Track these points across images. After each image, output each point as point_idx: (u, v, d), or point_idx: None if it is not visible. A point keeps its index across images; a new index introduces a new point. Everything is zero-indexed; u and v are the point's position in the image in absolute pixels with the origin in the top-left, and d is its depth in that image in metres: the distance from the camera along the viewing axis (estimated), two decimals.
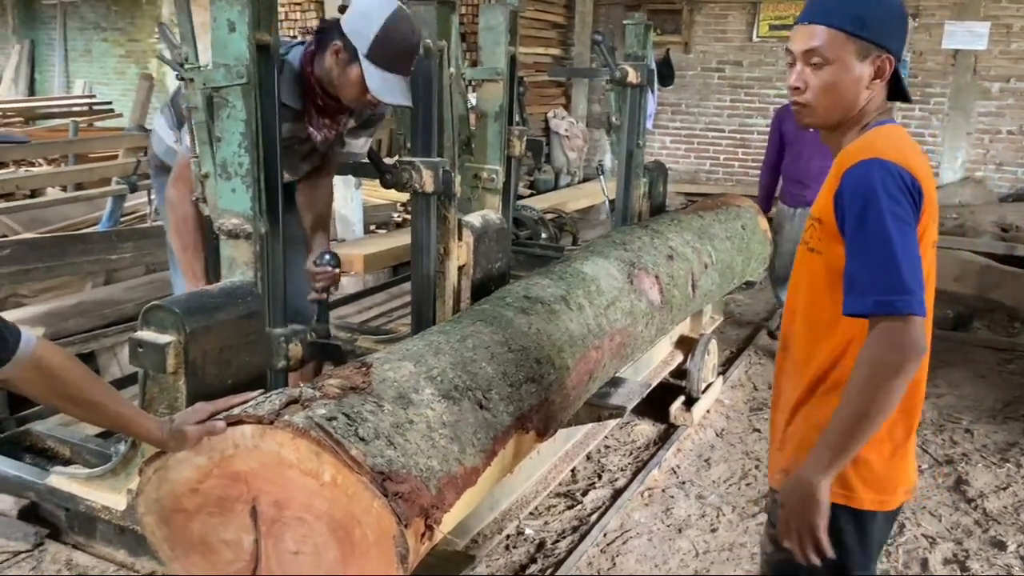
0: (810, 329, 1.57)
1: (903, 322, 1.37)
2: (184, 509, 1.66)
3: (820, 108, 1.56)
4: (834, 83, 1.52)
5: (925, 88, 8.74)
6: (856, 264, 1.41)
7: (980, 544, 3.09)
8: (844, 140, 1.58)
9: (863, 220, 1.40)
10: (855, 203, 1.42)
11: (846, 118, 1.57)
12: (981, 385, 4.70)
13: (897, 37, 1.55)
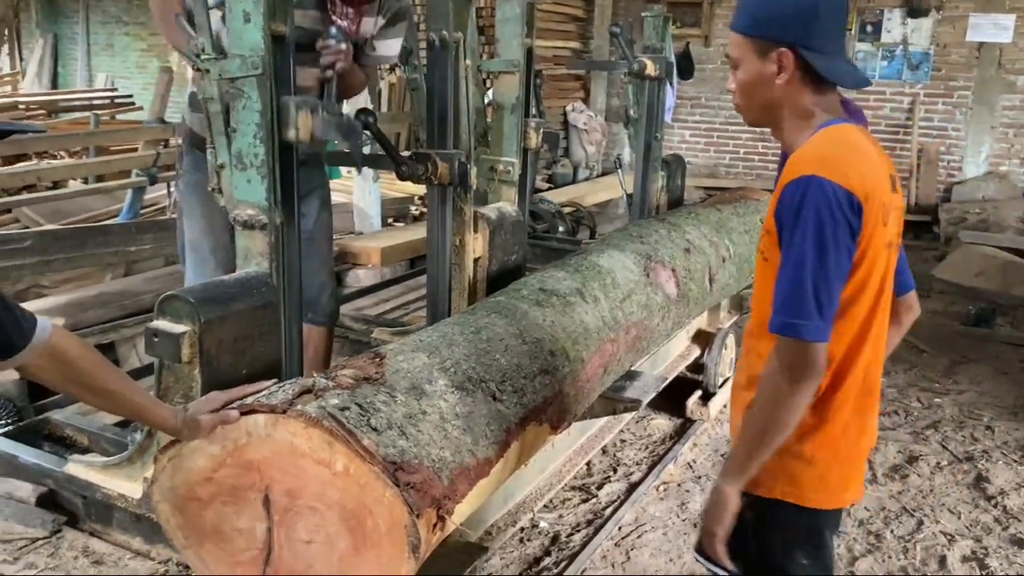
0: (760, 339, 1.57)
1: (802, 346, 1.42)
2: (198, 497, 1.67)
3: (744, 107, 1.61)
4: (744, 83, 1.57)
5: (949, 81, 8.63)
6: (780, 282, 1.45)
7: (999, 542, 3.05)
8: (796, 139, 1.56)
9: (789, 240, 1.43)
10: (789, 221, 1.44)
11: (772, 115, 1.59)
12: (1003, 382, 4.65)
13: (796, 29, 1.50)
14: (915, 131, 8.76)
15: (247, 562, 1.66)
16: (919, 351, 5.16)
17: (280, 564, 1.64)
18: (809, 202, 1.41)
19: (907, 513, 3.24)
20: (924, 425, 4.04)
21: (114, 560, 2.05)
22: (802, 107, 1.55)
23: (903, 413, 4.18)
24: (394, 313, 4.17)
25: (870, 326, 1.54)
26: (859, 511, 3.25)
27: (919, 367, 4.88)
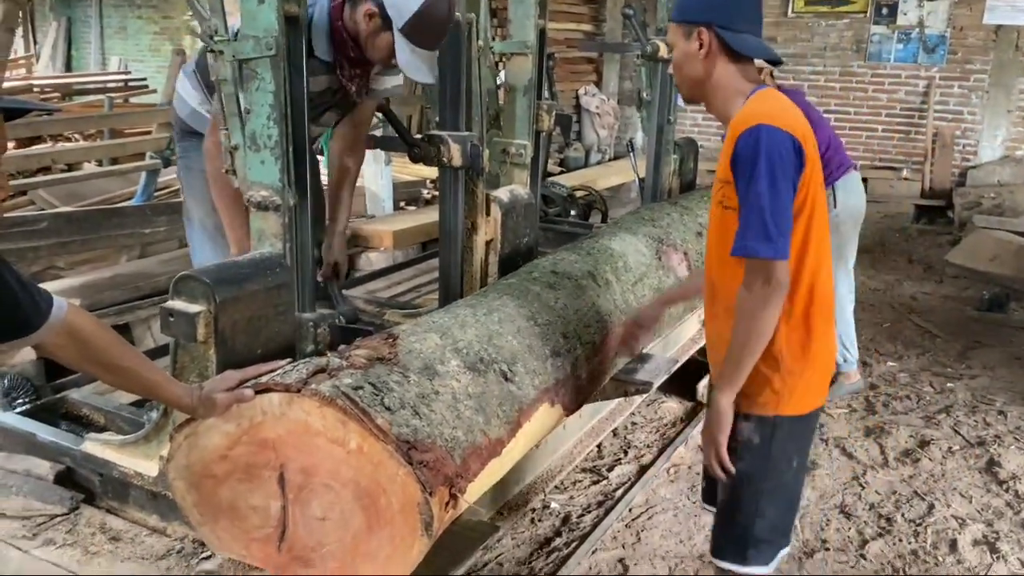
0: (734, 277, 1.77)
1: (766, 264, 1.67)
2: (213, 475, 1.69)
3: (679, 84, 1.89)
4: (676, 63, 1.86)
5: (965, 65, 8.54)
6: (742, 216, 1.70)
7: (1011, 526, 3.05)
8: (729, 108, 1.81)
9: (750, 179, 1.68)
10: (745, 165, 1.69)
11: (701, 89, 1.84)
12: (1016, 367, 4.63)
13: (713, 12, 1.79)
14: (930, 115, 8.68)
15: (262, 539, 1.69)
16: (932, 336, 5.14)
17: (295, 541, 1.66)
18: (763, 146, 1.67)
19: (918, 497, 3.24)
20: (936, 410, 4.04)
21: (131, 537, 2.07)
22: (724, 78, 1.81)
23: (915, 398, 4.18)
24: (406, 296, 4.18)
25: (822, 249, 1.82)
26: (870, 495, 3.25)
27: (932, 352, 4.86)
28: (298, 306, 2.21)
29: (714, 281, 1.88)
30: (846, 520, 3.08)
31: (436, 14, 2.35)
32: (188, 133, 2.85)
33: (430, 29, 2.37)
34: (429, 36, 2.38)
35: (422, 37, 2.37)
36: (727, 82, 1.81)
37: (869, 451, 3.61)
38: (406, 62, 2.37)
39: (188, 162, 2.90)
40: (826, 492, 3.26)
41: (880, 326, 5.32)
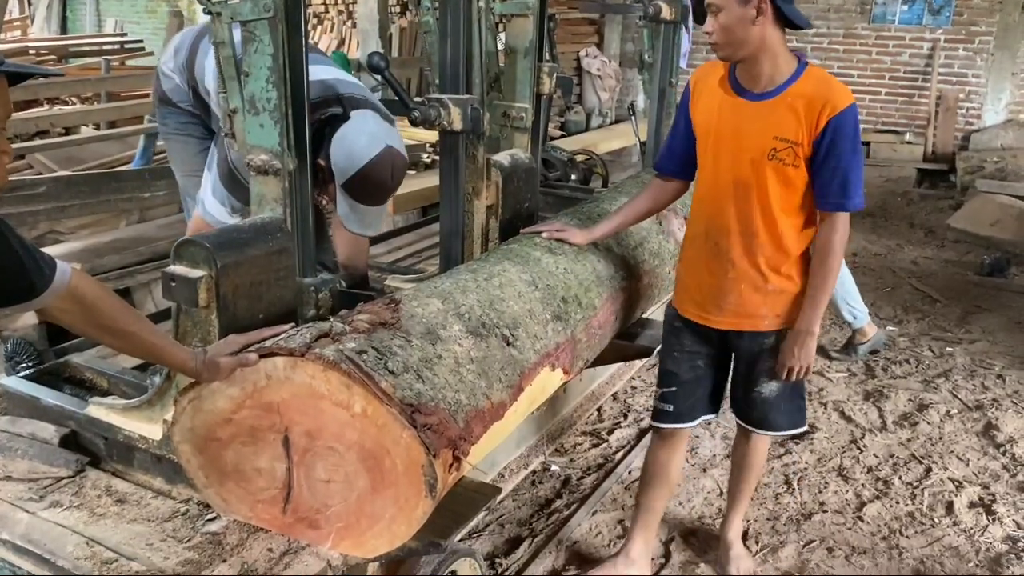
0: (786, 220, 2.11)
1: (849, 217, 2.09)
2: (218, 438, 1.71)
3: (725, 45, 2.03)
4: (727, 26, 2.00)
5: (970, 27, 8.45)
6: (846, 179, 2.03)
7: (1007, 488, 3.09)
8: (775, 73, 2.05)
9: (853, 150, 2.01)
10: (849, 137, 2.00)
11: (748, 52, 2.02)
12: (1015, 331, 4.65)
13: None
14: (934, 78, 8.61)
15: (267, 501, 1.71)
16: (932, 300, 5.15)
17: (300, 503, 1.68)
18: (857, 122, 2.02)
19: (916, 460, 3.27)
20: (935, 374, 4.06)
21: (136, 499, 2.09)
22: (775, 44, 2.02)
23: (915, 362, 4.20)
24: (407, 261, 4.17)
25: None
26: (868, 458, 3.28)
27: (932, 316, 4.88)
28: (299, 271, 2.21)
29: (755, 231, 2.12)
30: (844, 483, 3.11)
31: (376, 178, 2.45)
32: (165, 102, 2.95)
33: (370, 191, 2.47)
34: (368, 196, 2.48)
35: (362, 196, 2.47)
36: (777, 49, 2.03)
37: (868, 415, 3.64)
38: (345, 215, 2.48)
39: (165, 128, 3.04)
40: (824, 455, 3.29)
41: (880, 290, 5.33)
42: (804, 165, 2.05)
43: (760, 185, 2.09)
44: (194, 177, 2.90)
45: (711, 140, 2.18)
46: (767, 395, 2.30)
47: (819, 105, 2.00)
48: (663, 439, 2.44)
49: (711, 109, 2.18)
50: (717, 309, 2.24)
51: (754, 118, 2.08)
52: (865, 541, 2.77)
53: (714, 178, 2.18)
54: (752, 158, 2.08)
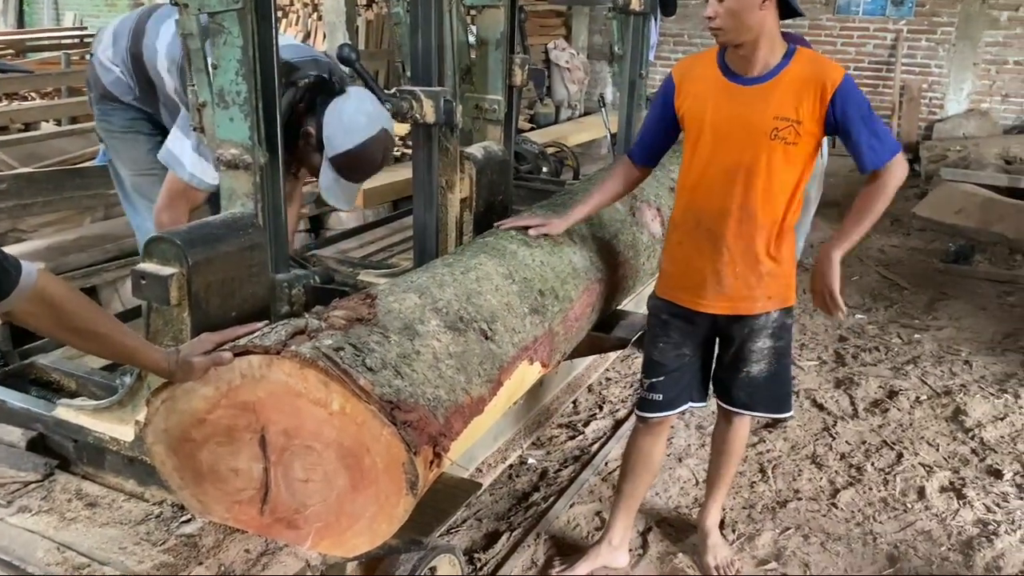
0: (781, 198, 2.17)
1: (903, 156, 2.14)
2: (192, 439, 1.67)
3: (729, 30, 2.06)
4: (733, 10, 2.03)
5: (932, 17, 8.57)
6: (875, 136, 2.11)
7: (976, 472, 3.14)
8: (770, 57, 2.11)
9: (869, 110, 2.11)
10: (860, 102, 2.10)
11: (750, 36, 2.07)
12: (981, 317, 4.73)
13: None
14: (898, 68, 8.72)
15: (244, 501, 1.68)
16: (900, 288, 5.22)
17: (278, 503, 1.65)
18: (856, 86, 2.11)
19: (887, 446, 3.32)
20: (904, 360, 4.11)
21: (108, 502, 2.05)
22: (774, 29, 2.09)
23: (884, 349, 4.25)
24: (379, 255, 4.14)
25: None
26: (841, 445, 3.32)
27: (900, 304, 4.95)
28: (271, 267, 2.18)
29: (753, 212, 2.17)
30: (818, 470, 3.14)
31: (368, 158, 2.44)
32: (107, 98, 2.82)
33: (359, 168, 2.46)
34: (356, 173, 2.47)
35: (349, 172, 2.45)
36: (775, 33, 2.10)
37: (839, 402, 3.68)
38: (327, 187, 2.46)
39: (109, 125, 2.87)
40: (798, 443, 3.32)
41: (849, 279, 5.39)
42: (803, 141, 2.12)
43: (763, 165, 2.14)
44: (148, 175, 2.77)
45: (706, 128, 2.19)
46: (755, 374, 2.34)
47: (819, 83, 2.08)
48: (649, 428, 2.45)
49: (703, 99, 2.19)
50: (712, 294, 2.26)
51: (753, 101, 2.12)
52: (840, 527, 2.80)
53: (708, 164, 2.20)
54: (754, 140, 2.13)
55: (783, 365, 2.37)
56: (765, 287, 2.24)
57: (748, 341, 2.30)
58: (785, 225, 2.21)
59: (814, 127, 2.11)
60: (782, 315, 2.30)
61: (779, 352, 2.33)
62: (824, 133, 2.14)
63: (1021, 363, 4.10)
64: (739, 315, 2.27)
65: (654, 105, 2.35)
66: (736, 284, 2.23)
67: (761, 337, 2.30)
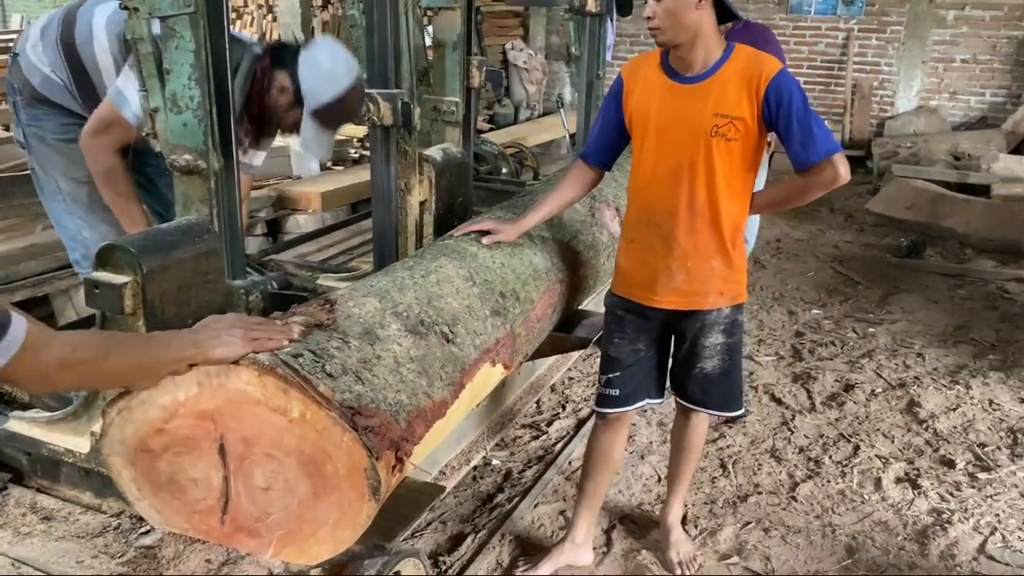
0: (728, 196, 2.19)
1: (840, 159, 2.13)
2: (150, 449, 1.64)
3: (667, 29, 2.11)
4: (671, 10, 2.08)
5: (882, 17, 8.74)
6: (811, 134, 2.11)
7: (930, 463, 3.21)
8: (709, 56, 2.15)
9: (805, 106, 2.11)
10: (797, 97, 2.10)
11: (688, 36, 2.11)
12: (933, 310, 4.83)
13: None
14: (849, 67, 8.88)
15: (204, 511, 1.65)
16: (854, 283, 5.32)
17: (238, 512, 1.63)
18: (794, 81, 2.13)
19: (844, 439, 3.38)
20: (859, 354, 4.19)
21: (64, 515, 2.01)
22: (711, 30, 2.13)
23: (839, 343, 4.33)
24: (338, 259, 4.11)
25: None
26: (799, 438, 3.37)
27: (854, 299, 5.04)
28: (228, 273, 2.16)
29: (700, 209, 2.20)
30: (777, 464, 3.19)
31: (347, 106, 2.50)
32: (39, 100, 2.71)
33: (339, 116, 2.51)
34: (336, 121, 2.52)
35: (329, 122, 2.50)
36: (711, 33, 2.13)
37: (797, 396, 3.74)
38: (308, 139, 2.50)
39: (40, 131, 2.74)
40: (757, 438, 3.37)
41: (804, 275, 5.48)
42: (743, 137, 2.14)
43: (705, 163, 2.17)
44: (86, 185, 2.66)
45: (651, 128, 2.22)
46: (709, 371, 2.38)
47: (754, 77, 2.11)
48: (608, 424, 2.47)
49: (648, 98, 2.23)
50: (664, 289, 2.29)
51: (693, 99, 2.16)
52: (799, 520, 2.84)
53: (656, 163, 2.23)
54: (696, 137, 2.16)
55: (735, 363, 2.40)
56: (716, 283, 2.28)
57: (701, 336, 2.34)
58: (734, 221, 2.25)
59: (754, 123, 2.14)
60: (734, 311, 2.34)
61: (731, 348, 2.37)
62: (765, 129, 2.17)
63: (972, 355, 4.20)
64: (691, 310, 2.30)
65: (605, 106, 2.38)
66: (688, 280, 2.27)
67: (713, 333, 2.33)
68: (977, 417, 3.54)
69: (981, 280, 5.39)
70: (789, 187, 2.28)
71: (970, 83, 8.62)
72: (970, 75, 8.60)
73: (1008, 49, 8.42)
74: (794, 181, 2.23)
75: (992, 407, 3.64)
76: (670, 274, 2.28)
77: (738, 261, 2.30)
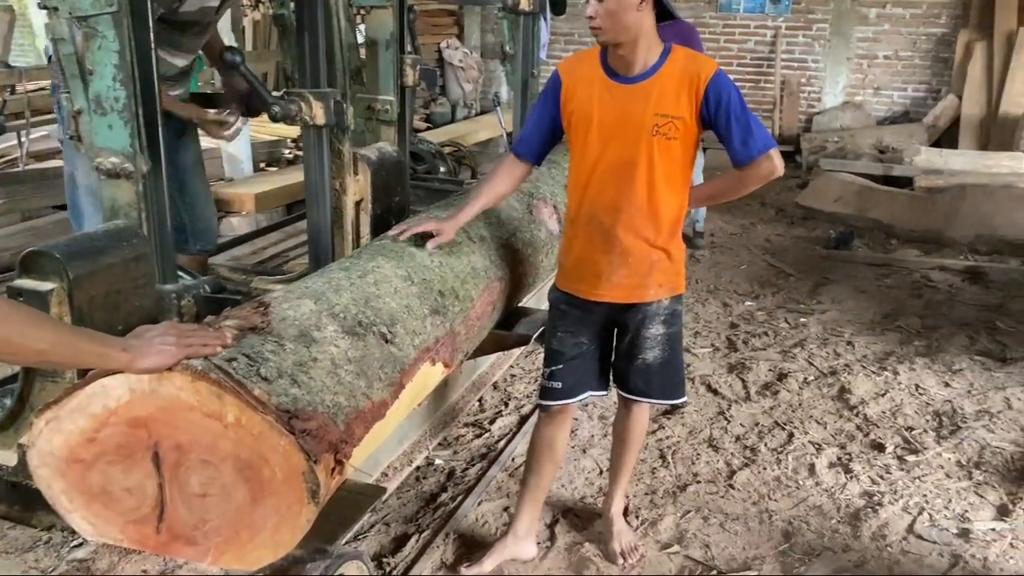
0: (668, 192, 2.25)
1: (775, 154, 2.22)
2: (81, 459, 1.61)
3: (608, 29, 2.13)
4: (612, 11, 2.11)
5: (808, 14, 8.97)
6: (750, 130, 2.18)
7: (861, 447, 3.31)
8: (648, 56, 2.19)
9: (741, 104, 2.19)
10: (734, 96, 2.18)
11: (629, 36, 2.14)
12: (861, 299, 4.98)
13: None
14: (778, 64, 9.09)
15: (139, 521, 1.62)
16: (786, 275, 5.45)
17: (174, 520, 1.60)
18: (730, 81, 2.21)
19: (779, 427, 3.46)
20: (792, 344, 4.30)
21: None
22: (650, 30, 2.16)
23: (772, 334, 4.43)
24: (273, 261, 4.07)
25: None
26: (735, 427, 3.44)
27: (786, 290, 5.16)
28: (159, 278, 2.11)
29: (640, 205, 2.25)
30: (715, 453, 3.25)
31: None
32: None
33: None
34: None
35: None
36: (651, 34, 2.17)
37: (732, 386, 3.82)
38: None
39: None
40: (695, 428, 3.43)
41: (738, 268, 5.60)
42: (683, 136, 2.20)
43: (647, 161, 2.21)
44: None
45: (593, 127, 2.25)
46: (651, 361, 2.42)
47: (693, 77, 2.17)
48: (551, 416, 2.50)
49: (589, 97, 2.25)
50: (607, 284, 2.33)
51: (634, 99, 2.20)
52: (737, 507, 2.91)
53: (597, 161, 2.26)
54: (638, 136, 2.21)
55: (675, 352, 2.45)
56: (657, 276, 2.33)
57: (642, 328, 2.38)
58: (674, 216, 2.30)
59: (692, 121, 2.19)
60: (673, 302, 2.39)
61: (671, 338, 2.42)
62: (702, 127, 2.22)
63: (899, 341, 4.34)
64: (633, 303, 2.35)
65: (541, 102, 2.39)
66: (629, 274, 2.31)
67: (654, 324, 2.38)
68: (905, 402, 3.67)
69: (906, 269, 5.57)
70: (727, 181, 2.36)
71: (893, 79, 8.90)
72: (892, 71, 8.88)
73: (927, 46, 8.71)
74: (732, 175, 2.30)
75: (919, 391, 3.77)
76: (612, 269, 2.31)
77: (677, 254, 2.36)
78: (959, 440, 3.34)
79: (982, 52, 8.14)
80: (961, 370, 3.98)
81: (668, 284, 2.36)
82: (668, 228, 2.30)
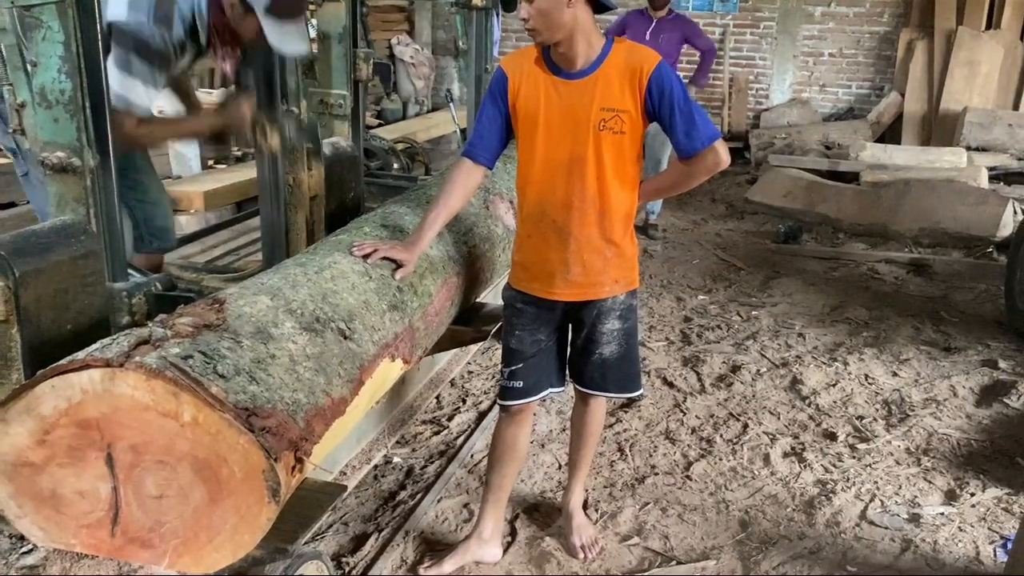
0: (619, 187, 2.25)
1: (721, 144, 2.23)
2: (30, 463, 1.55)
3: (542, 29, 2.12)
4: (543, 10, 2.09)
5: (755, 12, 9.10)
6: (693, 122, 2.18)
7: (814, 437, 3.37)
8: (590, 52, 2.17)
9: (684, 95, 2.18)
10: (677, 87, 2.17)
11: (564, 34, 2.13)
12: (811, 292, 5.08)
13: None
14: (726, 61, 9.21)
15: (92, 525, 1.57)
16: (737, 269, 5.53)
17: (129, 523, 1.56)
18: (673, 73, 2.20)
19: (733, 418, 3.51)
20: (744, 336, 4.36)
21: None
22: (587, 25, 2.14)
23: (725, 327, 4.49)
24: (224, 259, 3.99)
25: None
26: (691, 419, 3.48)
27: (738, 283, 5.23)
28: (108, 275, 2.06)
29: (592, 201, 2.24)
30: (671, 445, 3.28)
31: None
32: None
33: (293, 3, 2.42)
34: (292, 8, 2.42)
35: (285, 10, 2.40)
36: (590, 28, 2.15)
37: (688, 379, 3.86)
38: (277, 41, 2.40)
39: None
40: (652, 421, 3.46)
41: (690, 263, 5.66)
42: (631, 130, 2.20)
43: (595, 156, 2.21)
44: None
45: (540, 123, 2.23)
46: (607, 356, 2.43)
47: (636, 70, 2.16)
48: (512, 416, 2.49)
49: (534, 94, 2.23)
50: (562, 282, 2.32)
51: (579, 95, 2.19)
52: (695, 498, 2.94)
53: (546, 159, 2.24)
54: (584, 132, 2.20)
55: (631, 345, 2.47)
56: (611, 272, 2.33)
57: (598, 323, 2.38)
58: (625, 211, 2.30)
59: (638, 115, 2.20)
60: (628, 297, 2.40)
61: (627, 333, 2.43)
62: (647, 120, 2.22)
63: (848, 333, 4.44)
64: (588, 300, 2.35)
65: (490, 102, 2.33)
66: (584, 272, 2.31)
67: (610, 319, 2.39)
68: (855, 391, 3.74)
69: (853, 262, 5.69)
70: (674, 174, 2.37)
71: (838, 76, 9.09)
72: (838, 68, 9.07)
73: (871, 44, 8.91)
74: (679, 168, 2.30)
75: (868, 381, 3.85)
76: (567, 267, 2.31)
77: (630, 250, 2.36)
78: (907, 428, 3.42)
79: (923, 50, 8.35)
80: (908, 360, 4.08)
81: (623, 280, 2.37)
82: (620, 224, 2.30)
